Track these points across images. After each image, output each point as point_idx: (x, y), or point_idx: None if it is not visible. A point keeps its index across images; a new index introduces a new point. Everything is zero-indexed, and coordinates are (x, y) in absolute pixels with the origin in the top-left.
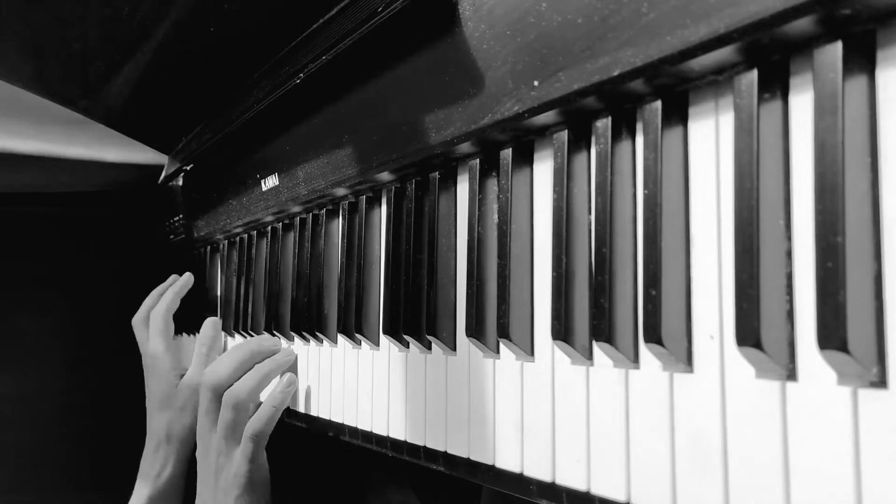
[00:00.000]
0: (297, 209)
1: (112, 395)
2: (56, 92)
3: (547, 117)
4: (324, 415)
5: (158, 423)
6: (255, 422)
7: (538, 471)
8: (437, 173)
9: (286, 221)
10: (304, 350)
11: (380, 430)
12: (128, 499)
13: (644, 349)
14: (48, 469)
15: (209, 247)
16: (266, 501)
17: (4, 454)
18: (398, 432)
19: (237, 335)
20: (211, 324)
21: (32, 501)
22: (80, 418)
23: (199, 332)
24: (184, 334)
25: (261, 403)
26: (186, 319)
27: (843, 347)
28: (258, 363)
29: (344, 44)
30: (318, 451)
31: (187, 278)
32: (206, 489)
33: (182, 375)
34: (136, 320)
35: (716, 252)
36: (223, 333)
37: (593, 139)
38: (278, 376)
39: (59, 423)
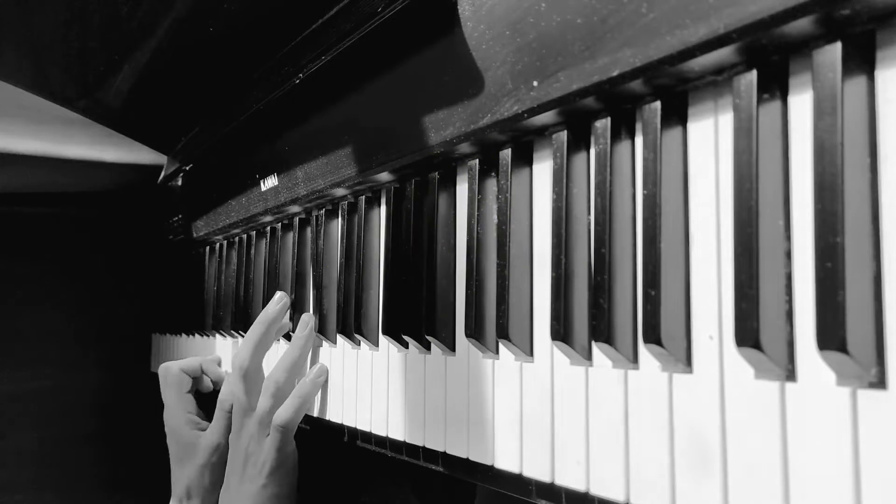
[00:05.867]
0: (296, 209)
1: (113, 396)
2: (56, 92)
3: (546, 117)
4: (323, 415)
5: (178, 477)
6: (282, 412)
7: (537, 471)
8: (436, 173)
9: (285, 221)
10: None
11: (379, 430)
12: (129, 498)
13: (643, 349)
14: (49, 469)
15: (208, 247)
16: (292, 490)
17: (4, 454)
18: (397, 433)
19: (238, 335)
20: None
21: (33, 501)
22: (81, 418)
23: (199, 334)
24: (183, 335)
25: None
26: (187, 320)
27: (842, 348)
28: (274, 333)
29: (343, 44)
30: (317, 452)
31: (219, 358)
32: (233, 476)
33: (200, 427)
34: (161, 368)
35: (715, 252)
36: (223, 335)
37: (592, 139)
38: (307, 363)
39: (59, 423)
